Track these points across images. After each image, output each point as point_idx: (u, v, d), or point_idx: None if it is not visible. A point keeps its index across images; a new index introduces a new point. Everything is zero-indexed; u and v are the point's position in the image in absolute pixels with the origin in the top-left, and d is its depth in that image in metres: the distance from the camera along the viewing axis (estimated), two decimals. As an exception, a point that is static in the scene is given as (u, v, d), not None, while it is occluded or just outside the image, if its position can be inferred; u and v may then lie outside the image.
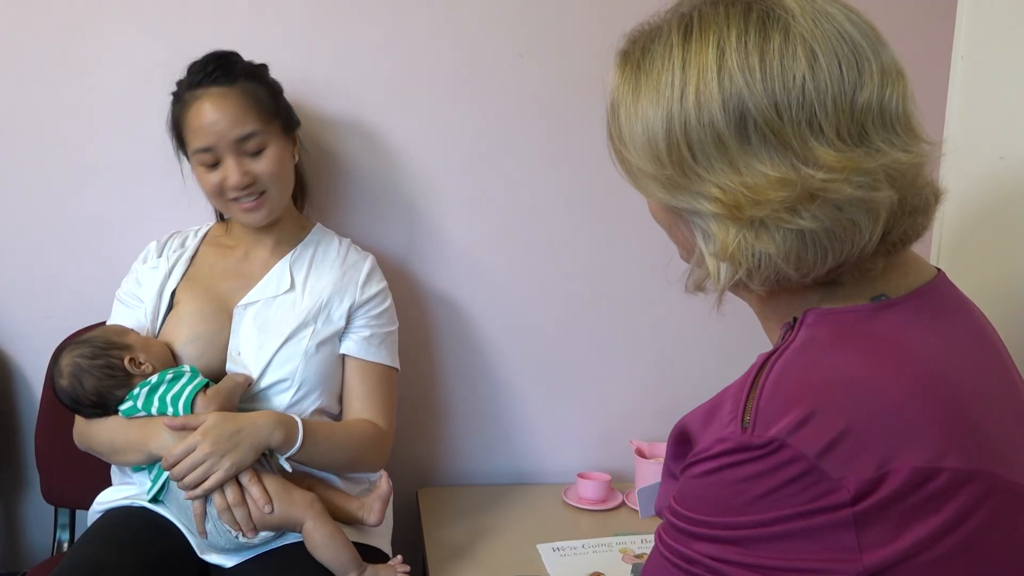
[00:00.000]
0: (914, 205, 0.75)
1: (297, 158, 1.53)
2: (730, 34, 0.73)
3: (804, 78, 0.71)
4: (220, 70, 1.42)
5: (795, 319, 0.77)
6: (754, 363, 0.75)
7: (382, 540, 1.52)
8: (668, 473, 0.84)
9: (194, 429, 1.32)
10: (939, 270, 0.81)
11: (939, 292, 0.80)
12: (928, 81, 1.77)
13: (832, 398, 0.69)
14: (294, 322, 1.48)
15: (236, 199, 1.44)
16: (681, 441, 0.80)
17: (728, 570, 0.69)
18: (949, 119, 1.37)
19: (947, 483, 0.67)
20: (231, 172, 1.41)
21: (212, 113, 1.40)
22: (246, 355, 1.46)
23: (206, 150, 1.42)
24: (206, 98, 1.41)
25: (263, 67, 1.51)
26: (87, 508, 1.53)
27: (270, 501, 1.33)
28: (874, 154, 0.71)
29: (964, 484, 0.68)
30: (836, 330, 0.74)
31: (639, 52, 0.78)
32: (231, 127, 1.40)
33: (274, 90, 1.49)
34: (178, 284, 1.52)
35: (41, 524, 1.79)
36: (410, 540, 1.74)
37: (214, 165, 1.43)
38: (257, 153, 1.43)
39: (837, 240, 0.72)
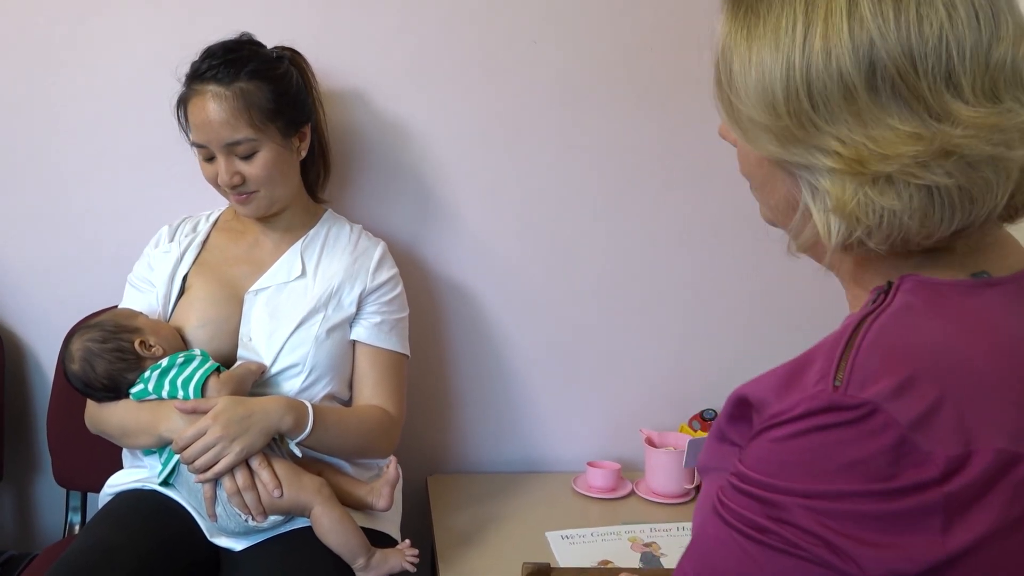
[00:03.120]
0: None
1: (303, 154, 1.51)
2: None
3: (942, 27, 0.67)
4: (224, 66, 1.40)
5: (890, 283, 0.74)
6: (845, 324, 0.72)
7: (391, 525, 1.52)
8: (718, 435, 0.80)
9: (205, 413, 1.32)
10: None
11: None
12: None
13: (930, 366, 0.67)
14: (305, 308, 1.48)
15: (229, 191, 1.46)
16: (741, 406, 0.76)
17: (806, 543, 0.66)
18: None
19: None
20: (221, 171, 1.42)
21: (206, 113, 1.40)
22: (258, 341, 1.47)
23: (201, 145, 1.43)
24: (204, 95, 1.40)
25: (278, 60, 1.48)
26: (98, 491, 1.54)
27: (279, 485, 1.33)
28: (1008, 113, 0.68)
29: None
30: (934, 300, 0.72)
31: None
32: (221, 131, 1.40)
33: (281, 88, 1.45)
34: (190, 269, 1.53)
35: (53, 506, 1.81)
36: (419, 527, 1.74)
37: (210, 158, 1.44)
38: (249, 156, 1.42)
39: (968, 199, 0.69)
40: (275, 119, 1.43)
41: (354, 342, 1.53)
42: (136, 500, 1.43)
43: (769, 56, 0.71)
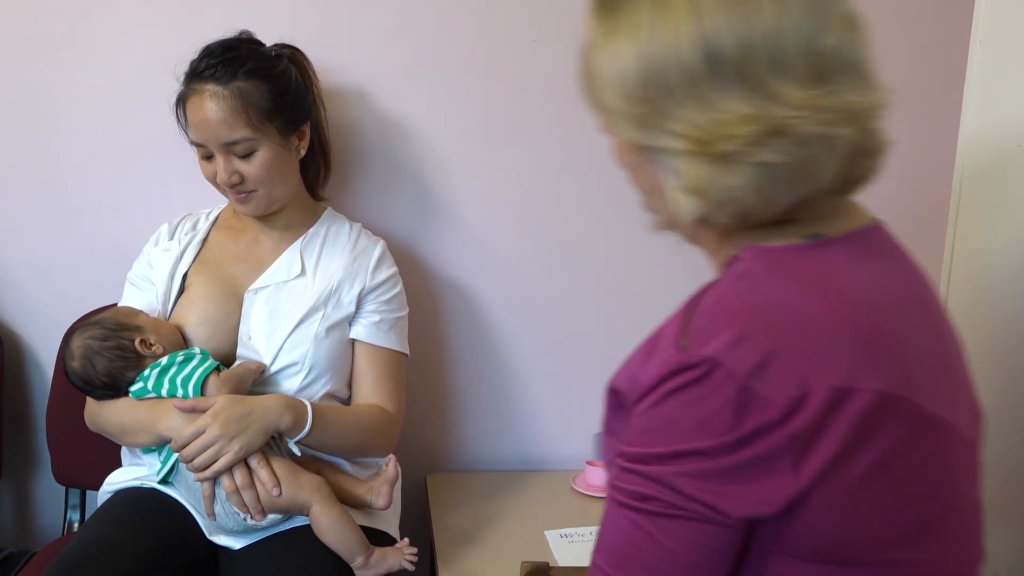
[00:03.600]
0: (868, 147, 0.79)
1: (303, 153, 1.51)
2: None
3: (772, 20, 0.75)
4: (222, 65, 1.40)
5: (732, 257, 0.81)
6: (688, 298, 0.80)
7: (390, 524, 1.52)
8: (607, 429, 0.87)
9: (204, 411, 1.32)
10: (877, 220, 0.86)
11: (874, 237, 0.84)
12: (946, 66, 1.78)
13: (762, 320, 0.74)
14: (304, 307, 1.48)
15: (228, 190, 1.46)
16: (614, 396, 0.84)
17: (680, 500, 0.73)
18: (966, 107, 1.36)
19: (867, 404, 0.72)
20: (220, 170, 1.42)
21: (204, 112, 1.39)
22: (257, 339, 1.47)
23: (199, 144, 1.43)
24: (202, 94, 1.40)
25: (277, 58, 1.48)
26: (97, 488, 1.53)
27: (278, 484, 1.33)
28: (835, 94, 0.75)
29: (883, 406, 0.73)
30: (771, 264, 0.79)
31: None
32: (219, 131, 1.39)
33: (280, 87, 1.44)
34: (189, 267, 1.53)
35: (51, 504, 1.81)
36: (418, 525, 1.74)
37: (209, 157, 1.44)
38: (247, 155, 1.42)
39: (800, 174, 0.76)
40: (273, 118, 1.42)
41: (353, 341, 1.53)
42: (135, 498, 1.43)
43: (623, 49, 0.78)
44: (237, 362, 1.46)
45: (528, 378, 1.89)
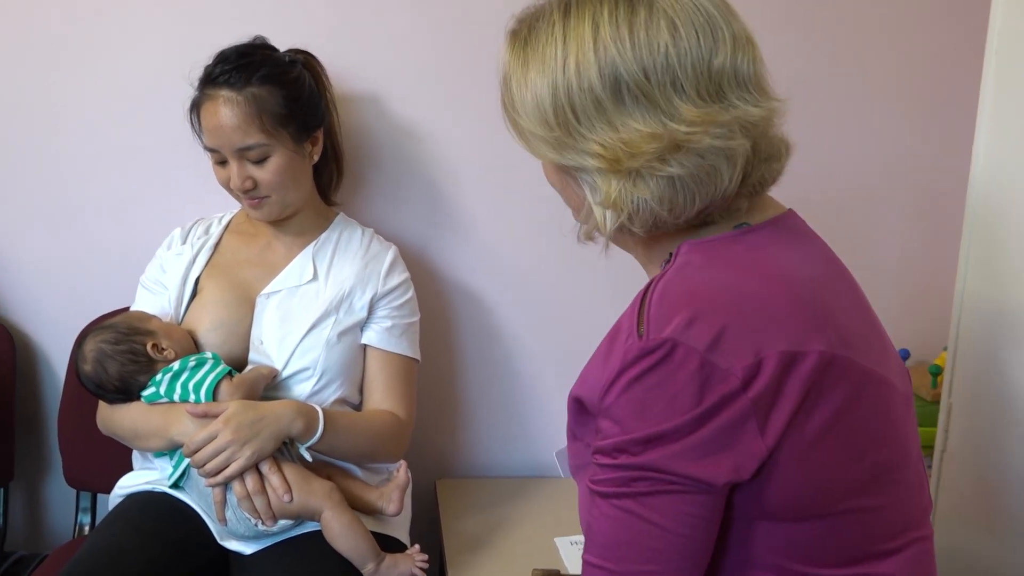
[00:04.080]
0: (768, 153, 0.88)
1: (316, 158, 1.51)
2: (603, 10, 0.84)
3: (667, 46, 0.82)
4: (236, 71, 1.40)
5: (671, 254, 0.89)
6: (638, 294, 0.86)
7: (400, 530, 1.52)
8: (571, 436, 0.93)
9: (216, 416, 1.32)
10: (790, 209, 0.95)
11: (791, 223, 0.93)
12: (960, 75, 1.78)
13: (710, 301, 0.81)
14: (317, 312, 1.47)
15: (242, 195, 1.46)
16: (576, 404, 0.89)
17: (663, 475, 0.79)
18: (981, 115, 1.35)
19: (815, 364, 0.80)
20: (233, 175, 1.43)
21: (218, 118, 1.40)
22: (269, 344, 1.47)
23: (213, 150, 1.43)
24: (216, 100, 1.40)
25: (291, 64, 1.47)
26: (108, 492, 1.53)
27: (289, 490, 1.33)
28: (729, 109, 0.83)
29: (828, 365, 0.81)
30: (707, 254, 0.86)
31: (526, 30, 0.89)
32: (233, 136, 1.40)
33: (294, 93, 1.44)
34: (202, 271, 1.53)
35: (63, 507, 1.80)
36: (428, 531, 1.74)
37: (223, 162, 1.44)
38: (260, 161, 1.42)
39: (702, 184, 0.84)
40: (287, 124, 1.43)
41: (365, 346, 1.53)
42: (146, 502, 1.43)
43: (539, 79, 0.86)
44: (249, 367, 1.46)
45: (539, 383, 1.89)
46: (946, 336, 1.44)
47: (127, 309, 1.56)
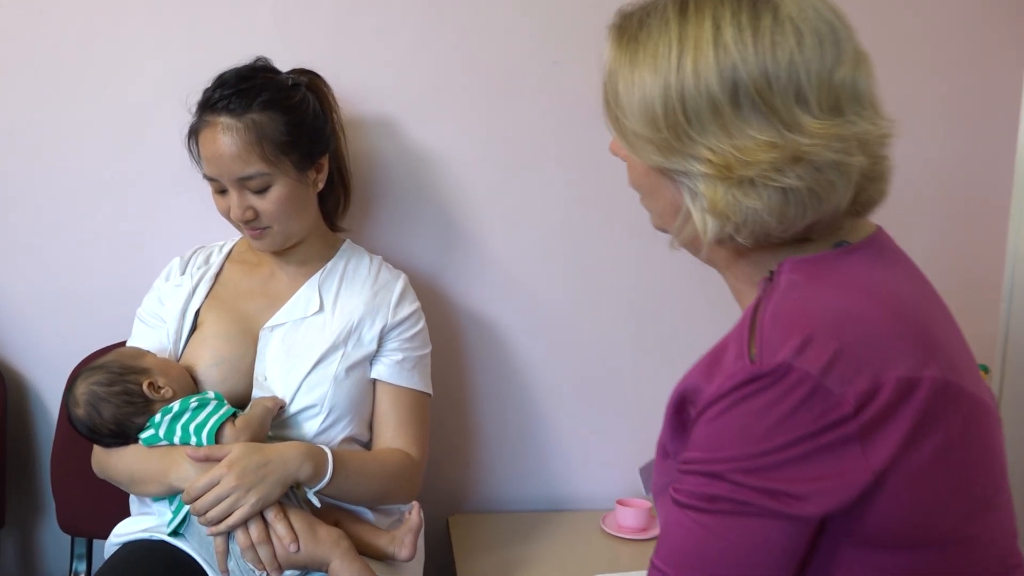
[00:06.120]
0: (878, 172, 0.86)
1: (321, 186, 1.44)
2: (724, 11, 0.82)
3: (791, 54, 0.80)
4: (236, 96, 1.34)
5: (771, 272, 0.86)
6: (745, 312, 0.84)
7: (413, 575, 1.44)
8: (663, 452, 0.90)
9: (218, 460, 1.25)
10: (879, 227, 0.93)
11: (884, 241, 0.91)
12: (1002, 80, 1.76)
13: (824, 323, 0.78)
14: (323, 345, 1.40)
15: (243, 225, 1.40)
16: (681, 410, 0.86)
17: (752, 497, 0.76)
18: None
19: (929, 391, 0.77)
20: (233, 206, 1.36)
21: (216, 146, 1.33)
22: (273, 380, 1.39)
23: (212, 179, 1.37)
24: (215, 127, 1.34)
25: (294, 88, 1.40)
26: (105, 537, 1.46)
27: (296, 539, 1.25)
28: (849, 124, 0.81)
29: (942, 391, 0.78)
30: (811, 273, 0.84)
31: (635, 25, 0.86)
32: (232, 165, 1.33)
33: (296, 118, 1.37)
34: (202, 303, 1.46)
35: (57, 553, 1.73)
36: (441, 572, 1.67)
37: (223, 191, 1.38)
38: (262, 191, 1.35)
39: (816, 198, 0.82)
40: (289, 152, 1.36)
41: (374, 381, 1.45)
42: (144, 551, 1.35)
43: (649, 78, 0.83)
44: (252, 402, 1.38)
45: (555, 414, 1.83)
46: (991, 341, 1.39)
47: (124, 344, 1.49)
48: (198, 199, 1.54)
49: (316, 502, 1.31)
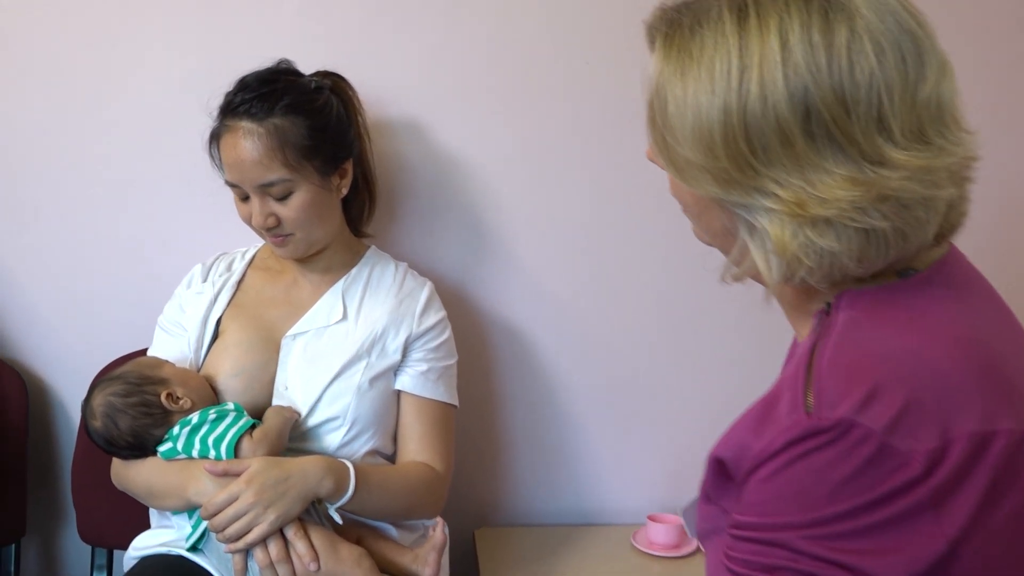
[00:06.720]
0: (962, 196, 0.76)
1: (345, 191, 1.41)
2: (792, 23, 0.70)
3: (871, 74, 0.69)
4: (258, 100, 1.30)
5: (828, 304, 0.77)
6: (795, 353, 0.76)
7: (438, 593, 1.40)
8: (705, 496, 0.83)
9: (237, 475, 1.21)
10: (952, 244, 0.81)
11: (957, 263, 0.81)
12: None
13: (889, 372, 0.69)
14: (346, 355, 1.36)
15: (265, 232, 1.36)
16: (718, 466, 0.78)
17: (815, 568, 0.68)
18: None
19: (1005, 445, 0.69)
20: (255, 212, 1.33)
21: (238, 151, 1.30)
22: (294, 390, 1.36)
23: (234, 185, 1.34)
24: (236, 132, 1.30)
25: (317, 91, 1.37)
26: (126, 548, 1.43)
27: (316, 558, 1.21)
28: (939, 153, 0.71)
29: (1018, 445, 0.69)
30: (874, 309, 0.75)
31: (686, 34, 0.74)
32: (254, 171, 1.30)
33: (319, 123, 1.34)
34: (224, 311, 1.42)
35: (78, 564, 1.71)
36: (466, 586, 1.63)
37: (245, 197, 1.34)
38: (284, 197, 1.32)
39: (902, 237, 0.72)
40: (312, 157, 1.32)
41: (398, 392, 1.41)
42: (162, 567, 1.32)
43: (705, 98, 0.72)
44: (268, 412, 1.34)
45: (584, 425, 1.78)
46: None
47: (145, 352, 1.46)
48: (221, 204, 1.51)
49: (338, 518, 1.27)
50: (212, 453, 1.26)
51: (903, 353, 0.71)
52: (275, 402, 1.36)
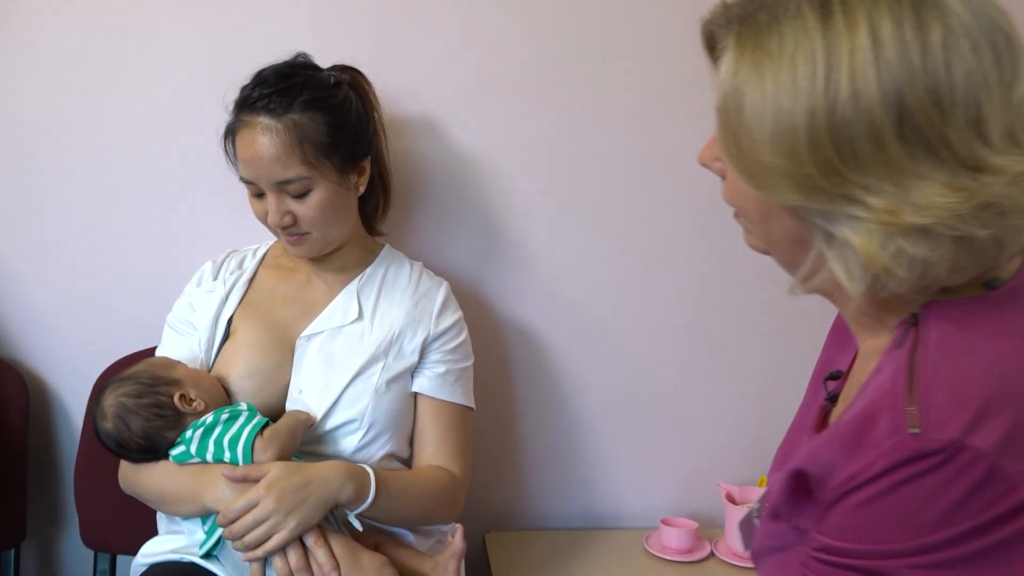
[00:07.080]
0: None
1: (362, 190, 1.37)
2: (883, 19, 0.66)
3: (967, 75, 0.65)
4: (276, 95, 1.26)
5: (913, 315, 0.73)
6: (885, 369, 0.72)
7: (455, 601, 1.37)
8: (772, 513, 0.79)
9: (256, 481, 1.18)
10: None
11: None
12: None
13: (997, 389, 0.67)
14: (364, 356, 1.33)
15: (280, 231, 1.33)
16: (798, 480, 0.75)
17: None
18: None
19: None
20: (271, 210, 1.29)
21: (255, 148, 1.26)
22: (309, 393, 1.32)
23: (249, 182, 1.30)
24: (254, 128, 1.26)
25: (336, 87, 1.33)
26: (129, 553, 1.39)
27: (337, 567, 1.18)
28: None
29: None
30: (965, 322, 0.72)
31: (763, 30, 0.69)
32: (271, 169, 1.26)
33: (339, 119, 1.30)
34: (235, 311, 1.38)
35: (79, 569, 1.67)
36: (479, 592, 1.60)
37: (260, 195, 1.30)
38: (301, 195, 1.28)
39: (999, 245, 0.69)
40: (331, 154, 1.28)
41: (415, 394, 1.38)
42: (174, 574, 1.28)
43: (788, 100, 0.68)
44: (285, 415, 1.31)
45: (598, 428, 1.76)
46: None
47: (152, 352, 1.42)
48: (231, 201, 1.48)
49: (358, 525, 1.23)
50: (227, 455, 1.22)
51: (1006, 369, 0.68)
52: (288, 406, 1.33)
